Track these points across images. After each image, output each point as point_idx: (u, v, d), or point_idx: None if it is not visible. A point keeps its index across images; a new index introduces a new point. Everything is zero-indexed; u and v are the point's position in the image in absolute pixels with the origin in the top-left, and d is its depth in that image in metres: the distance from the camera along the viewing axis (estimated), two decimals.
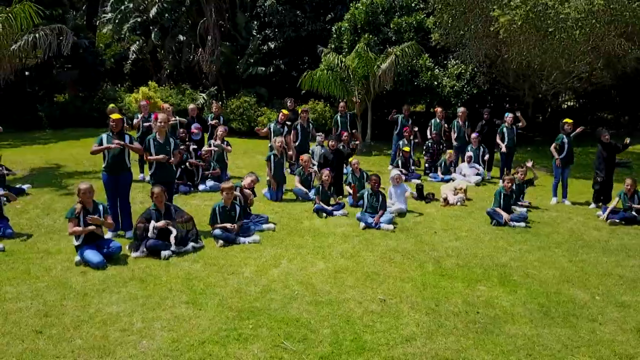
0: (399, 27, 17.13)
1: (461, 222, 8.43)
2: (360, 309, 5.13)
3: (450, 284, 5.85)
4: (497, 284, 5.90)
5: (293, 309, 5.10)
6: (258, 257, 6.53)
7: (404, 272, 6.16)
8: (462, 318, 5.00)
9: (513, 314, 5.13)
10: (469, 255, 6.82)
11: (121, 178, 7.09)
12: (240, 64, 20.16)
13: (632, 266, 6.57)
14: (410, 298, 5.43)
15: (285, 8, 20.55)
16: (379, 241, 7.34)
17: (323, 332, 4.65)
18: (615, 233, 8.05)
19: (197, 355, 4.21)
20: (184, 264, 6.22)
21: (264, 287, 5.59)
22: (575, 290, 5.76)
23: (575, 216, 9.03)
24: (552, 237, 7.72)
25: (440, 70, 16.97)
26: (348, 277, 5.94)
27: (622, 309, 5.31)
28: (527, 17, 12.40)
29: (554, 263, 6.61)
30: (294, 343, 4.44)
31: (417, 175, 11.87)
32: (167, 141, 7.30)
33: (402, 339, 4.56)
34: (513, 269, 6.38)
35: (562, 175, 9.95)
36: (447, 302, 5.35)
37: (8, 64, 10.48)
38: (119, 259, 6.27)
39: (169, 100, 19.18)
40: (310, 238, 7.38)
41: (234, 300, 5.26)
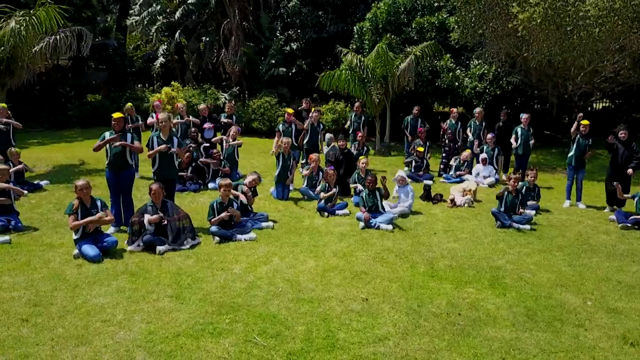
0: (421, 27, 16.96)
1: (464, 224, 8.31)
2: (341, 308, 5.14)
3: (438, 285, 5.78)
4: (487, 286, 5.80)
5: (273, 305, 5.15)
6: (251, 254, 6.62)
7: (394, 272, 6.12)
8: (441, 319, 4.94)
9: (496, 316, 5.03)
10: (464, 257, 6.72)
11: (123, 175, 7.31)
12: (263, 65, 20.37)
13: (634, 272, 6.34)
14: (394, 298, 5.40)
15: (308, 9, 20.66)
16: (375, 241, 7.31)
17: (298, 329, 4.69)
18: (625, 237, 7.78)
19: (169, 347, 4.31)
20: (177, 259, 6.36)
21: (250, 284, 5.66)
22: (567, 294, 5.61)
23: (587, 220, 8.76)
24: (556, 241, 7.52)
25: (462, 71, 16.71)
26: (336, 276, 5.95)
27: (613, 315, 5.14)
28: (546, 14, 12.08)
29: (551, 267, 6.44)
30: (266, 339, 4.49)
31: (430, 176, 11.74)
32: (170, 139, 7.47)
33: (375, 339, 4.55)
34: (507, 271, 6.25)
35: (576, 178, 9.66)
36: (430, 303, 5.29)
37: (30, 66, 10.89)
38: (116, 253, 6.46)
39: (191, 100, 19.60)
40: (307, 237, 7.42)
41: (217, 295, 5.35)
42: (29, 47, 10.81)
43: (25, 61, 10.79)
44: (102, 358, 4.13)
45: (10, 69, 10.78)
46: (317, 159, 9.85)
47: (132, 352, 4.21)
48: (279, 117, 18.70)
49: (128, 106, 11.08)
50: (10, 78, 10.90)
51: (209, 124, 11.25)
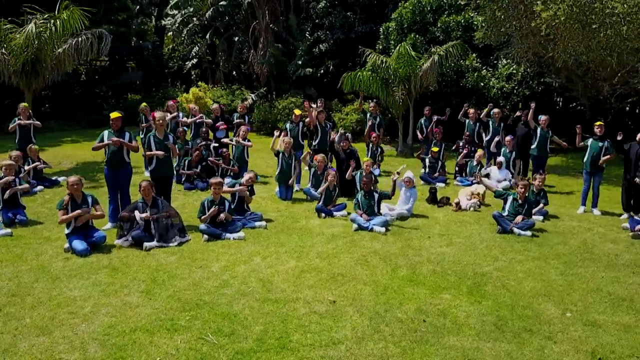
0: (447, 26, 16.61)
1: (463, 228, 8.08)
2: (305, 309, 5.11)
3: (413, 290, 5.65)
4: (465, 293, 5.61)
5: (238, 304, 5.18)
6: (234, 253, 6.68)
7: (372, 276, 6.03)
8: (404, 325, 4.83)
9: (463, 325, 4.87)
10: (451, 262, 6.53)
11: (121, 173, 7.54)
12: (291, 66, 20.51)
13: (630, 283, 5.97)
14: (363, 302, 5.32)
15: (337, 10, 20.63)
16: (364, 243, 7.22)
17: (254, 328, 4.69)
18: (633, 247, 7.34)
19: (123, 341, 4.42)
20: (160, 255, 6.51)
21: (222, 282, 5.72)
22: (548, 305, 5.35)
23: (598, 227, 8.33)
24: (556, 248, 7.19)
25: (489, 71, 16.25)
26: (311, 278, 5.92)
27: (590, 328, 4.87)
28: (571, 11, 11.57)
29: (541, 275, 6.16)
30: (220, 337, 4.52)
31: (443, 179, 11.48)
32: (166, 137, 7.65)
33: (329, 342, 4.49)
34: (492, 278, 6.03)
35: (593, 183, 9.20)
36: (398, 309, 5.18)
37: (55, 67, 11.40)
38: (105, 247, 6.68)
39: (220, 100, 19.98)
40: (297, 237, 7.41)
41: (186, 292, 5.43)
42: (52, 49, 11.29)
43: (49, 63, 11.29)
44: (56, 349, 4.28)
45: (35, 69, 11.31)
46: (322, 159, 9.83)
47: (86, 344, 4.34)
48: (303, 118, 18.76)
49: (142, 106, 11.41)
50: (36, 79, 11.43)
51: (221, 124, 11.42)
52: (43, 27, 10.98)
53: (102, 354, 4.20)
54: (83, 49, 11.41)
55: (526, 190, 8.03)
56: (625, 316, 5.12)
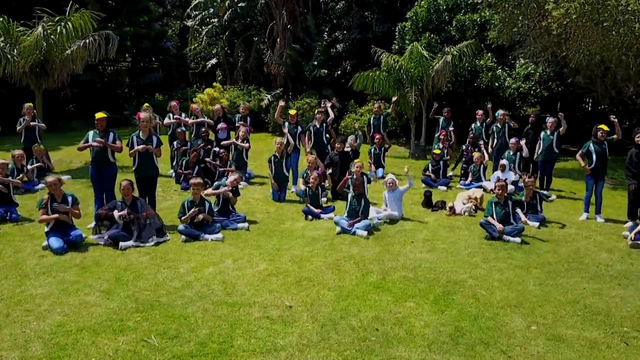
0: (462, 25, 16.22)
1: (451, 233, 7.83)
2: (259, 314, 5.03)
3: (377, 297, 5.49)
4: (430, 301, 5.41)
5: (194, 307, 5.14)
6: (208, 254, 6.67)
7: (339, 281, 5.90)
8: (355, 334, 4.68)
9: (417, 335, 4.68)
10: (426, 269, 6.32)
11: (105, 172, 7.63)
12: (307, 66, 20.45)
13: (612, 296, 5.63)
14: (321, 308, 5.20)
15: (354, 10, 20.46)
16: (342, 247, 7.09)
17: (201, 332, 4.64)
18: (628, 257, 6.94)
19: (66, 340, 4.44)
20: (134, 255, 6.55)
21: (185, 284, 5.70)
22: (514, 316, 5.10)
23: (597, 235, 7.93)
24: (544, 257, 6.87)
25: (505, 71, 15.77)
26: (277, 281, 5.84)
27: (553, 343, 4.60)
28: (583, 9, 11.09)
29: (517, 285, 5.89)
30: (163, 339, 4.49)
31: (446, 181, 11.18)
32: (149, 138, 7.70)
33: (272, 348, 4.40)
34: (464, 287, 5.80)
35: (595, 189, 8.77)
36: (355, 316, 5.03)
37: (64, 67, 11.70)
38: (82, 246, 6.77)
39: (236, 100, 20.12)
40: (276, 240, 7.34)
41: (146, 293, 5.44)
42: (62, 50, 11.58)
43: (58, 64, 11.59)
44: (1, 347, 4.33)
45: (45, 70, 11.63)
46: (314, 161, 9.73)
47: (29, 343, 4.39)
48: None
49: (145, 107, 11.56)
50: (46, 80, 11.76)
51: (223, 125, 11.46)
52: (51, 29, 11.27)
53: (41, 353, 4.23)
54: (91, 50, 11.64)
55: (504, 190, 7.71)
56: (595, 331, 4.82)
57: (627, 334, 4.78)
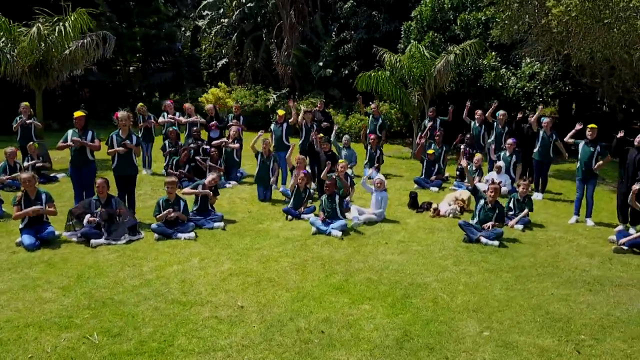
0: (466, 24, 15.94)
1: (430, 235, 7.68)
2: (209, 313, 5.01)
3: (333, 299, 5.41)
4: (387, 304, 5.31)
5: (146, 305, 5.15)
6: (176, 252, 6.68)
7: (301, 282, 5.83)
8: (299, 336, 4.62)
9: (363, 339, 4.59)
10: (393, 271, 6.21)
11: (85, 170, 7.73)
12: (314, 66, 20.40)
13: (579, 302, 5.43)
14: (273, 308, 5.15)
15: (362, 9, 20.33)
16: (314, 247, 7.02)
17: (145, 330, 4.64)
18: (608, 262, 6.69)
19: (10, 336, 4.49)
20: (103, 253, 6.60)
21: (144, 282, 5.72)
22: (470, 321, 4.96)
23: (582, 239, 7.68)
24: (518, 261, 6.68)
25: (510, 70, 15.42)
26: (237, 281, 5.81)
27: (502, 349, 4.45)
28: (583, 6, 10.78)
29: (482, 289, 5.73)
30: (105, 337, 4.51)
31: (439, 182, 11.00)
32: (129, 137, 7.76)
33: (211, 348, 4.37)
34: (426, 290, 5.68)
35: (586, 191, 8.50)
36: (305, 318, 4.97)
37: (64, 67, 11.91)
38: (55, 243, 6.86)
39: (243, 100, 20.20)
40: (249, 239, 7.32)
41: (103, 290, 5.47)
42: (62, 50, 11.78)
43: (57, 64, 11.80)
44: None
45: (44, 70, 11.85)
46: (302, 160, 9.67)
47: None
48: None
49: (139, 106, 11.68)
50: (45, 79, 11.98)
51: (215, 123, 11.50)
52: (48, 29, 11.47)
53: None
54: (89, 50, 11.82)
55: (496, 194, 7.52)
56: (550, 339, 4.65)
57: (582, 342, 4.60)
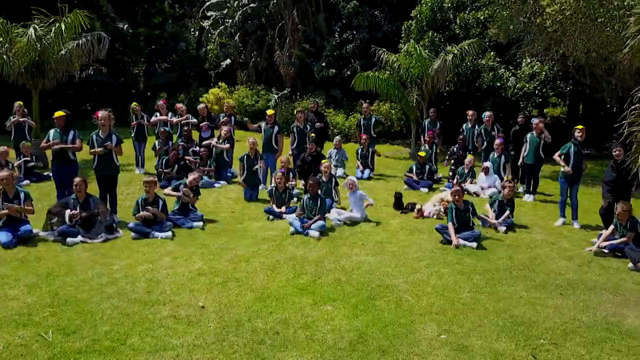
0: (466, 24, 15.79)
1: (409, 236, 7.62)
2: (167, 313, 5.01)
3: (297, 300, 5.39)
4: (350, 305, 5.27)
5: (108, 303, 5.17)
6: (149, 252, 6.71)
7: (268, 282, 5.82)
8: (254, 336, 4.60)
9: (317, 340, 4.56)
10: (363, 272, 6.16)
11: (66, 169, 7.81)
12: (316, 66, 20.37)
13: (546, 306, 5.33)
14: (234, 309, 5.14)
15: (364, 9, 20.25)
16: (290, 248, 7.01)
17: (101, 329, 4.66)
18: (585, 266, 6.56)
19: None
20: (77, 251, 6.66)
21: (111, 280, 5.75)
22: (430, 324, 4.89)
23: (564, 241, 7.56)
24: (494, 263, 6.58)
25: (510, 70, 15.23)
26: (203, 281, 5.81)
27: (456, 353, 4.39)
28: (578, 5, 10.61)
29: (450, 292, 5.66)
30: (61, 335, 4.53)
31: (429, 183, 10.91)
32: (109, 136, 7.82)
33: (161, 348, 4.37)
34: (393, 292, 5.62)
35: (570, 193, 8.36)
36: (264, 318, 4.95)
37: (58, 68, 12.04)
38: (31, 241, 6.93)
39: (244, 101, 20.26)
40: (226, 239, 7.32)
41: (69, 289, 5.51)
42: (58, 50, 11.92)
43: (53, 64, 11.94)
44: None
45: (40, 71, 12.00)
46: (287, 161, 9.67)
47: None
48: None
49: (133, 105, 11.77)
50: (42, 80, 12.12)
51: (206, 124, 11.55)
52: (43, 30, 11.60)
53: None
54: (84, 50, 11.94)
55: (460, 196, 7.43)
56: (508, 343, 4.57)
57: (541, 347, 4.51)
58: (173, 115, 11.94)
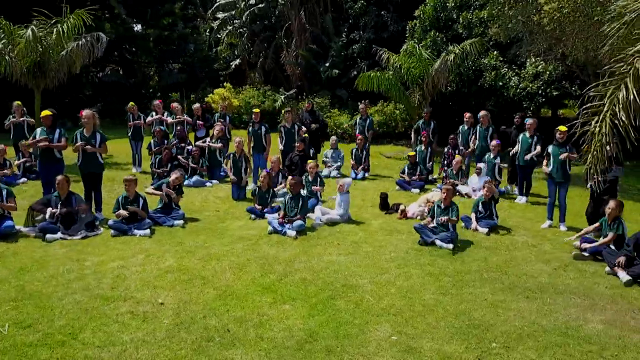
0: (468, 23, 15.62)
1: (387, 237, 7.57)
2: (126, 309, 5.08)
3: (257, 298, 5.41)
4: (309, 305, 5.27)
5: (69, 298, 5.27)
6: (125, 249, 6.81)
7: (233, 281, 5.86)
8: (204, 333, 4.63)
9: (265, 339, 4.56)
10: (331, 272, 6.15)
11: (52, 168, 7.97)
12: (322, 66, 20.40)
13: (509, 310, 5.24)
14: (192, 306, 5.18)
15: (371, 9, 20.20)
16: (264, 247, 7.03)
17: (57, 323, 4.75)
18: (562, 269, 6.42)
19: None
20: (55, 247, 6.80)
21: (79, 276, 5.85)
22: (385, 325, 4.86)
23: (547, 244, 7.42)
24: (467, 265, 6.50)
25: (513, 69, 15.02)
26: (169, 278, 5.87)
27: (403, 355, 4.35)
28: (576, 3, 10.43)
29: (414, 293, 5.61)
30: (17, 329, 4.63)
31: (421, 184, 10.82)
32: (92, 135, 7.96)
33: (111, 343, 4.43)
34: (355, 292, 5.60)
35: (558, 195, 8.20)
36: (220, 316, 4.98)
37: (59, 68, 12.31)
38: (13, 236, 7.10)
39: (250, 101, 20.38)
40: (203, 237, 7.39)
41: (37, 283, 5.63)
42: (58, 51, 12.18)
43: (53, 65, 12.21)
44: None
45: (42, 71, 12.28)
46: (277, 161, 9.71)
47: None
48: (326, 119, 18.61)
49: (130, 105, 11.96)
50: (43, 80, 12.41)
51: (201, 123, 11.66)
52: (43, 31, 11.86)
53: None
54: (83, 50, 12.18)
55: (449, 195, 7.35)
56: (459, 346, 4.51)
57: (490, 351, 4.44)
58: (169, 115, 12.08)
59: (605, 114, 5.32)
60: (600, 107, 5.45)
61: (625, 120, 5.08)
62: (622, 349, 4.51)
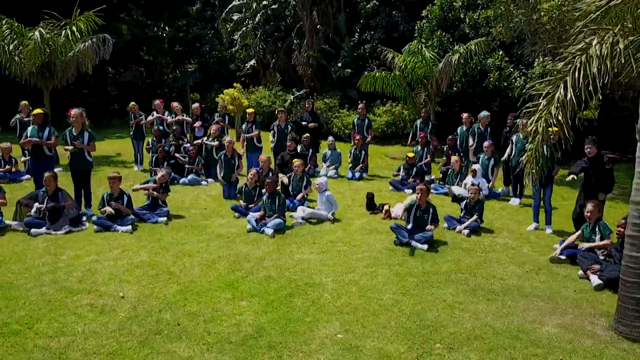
0: (475, 23, 15.42)
1: (365, 237, 7.57)
2: (87, 301, 5.25)
3: (217, 294, 5.50)
4: (266, 302, 5.34)
5: (36, 290, 5.47)
6: (103, 244, 7.01)
7: (198, 277, 5.97)
8: (155, 327, 4.75)
9: (212, 333, 4.66)
10: (297, 270, 6.20)
11: (43, 165, 8.25)
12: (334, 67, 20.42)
13: (465, 311, 5.19)
14: (151, 300, 5.32)
15: (383, 9, 20.13)
16: (239, 245, 7.13)
17: (17, 314, 4.95)
18: (534, 273, 6.30)
19: None
20: (38, 241, 7.05)
21: (52, 269, 6.06)
22: (333, 324, 4.88)
23: (527, 246, 7.30)
24: (437, 266, 6.45)
25: (520, 69, 14.73)
26: (137, 273, 6.03)
27: (342, 352, 4.37)
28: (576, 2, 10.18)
29: (373, 292, 5.61)
30: None
31: (414, 184, 10.73)
32: (81, 133, 8.20)
33: (63, 333, 4.59)
34: (315, 290, 5.64)
35: (543, 197, 8.05)
36: (174, 310, 5.09)
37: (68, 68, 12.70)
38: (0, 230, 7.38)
39: (262, 101, 20.57)
40: (182, 234, 7.53)
41: (10, 275, 5.87)
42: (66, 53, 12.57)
43: (61, 66, 12.60)
44: None
45: (51, 72, 12.69)
46: (267, 160, 9.81)
47: None
48: (334, 119, 18.65)
49: (131, 105, 12.25)
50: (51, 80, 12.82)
51: (199, 123, 11.85)
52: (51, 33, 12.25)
53: None
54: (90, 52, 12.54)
55: (424, 195, 7.30)
56: (402, 346, 4.50)
57: (432, 351, 4.42)
58: (169, 114, 12.32)
59: (541, 113, 5.26)
60: (538, 106, 5.41)
61: (562, 120, 4.98)
62: (570, 353, 4.43)
